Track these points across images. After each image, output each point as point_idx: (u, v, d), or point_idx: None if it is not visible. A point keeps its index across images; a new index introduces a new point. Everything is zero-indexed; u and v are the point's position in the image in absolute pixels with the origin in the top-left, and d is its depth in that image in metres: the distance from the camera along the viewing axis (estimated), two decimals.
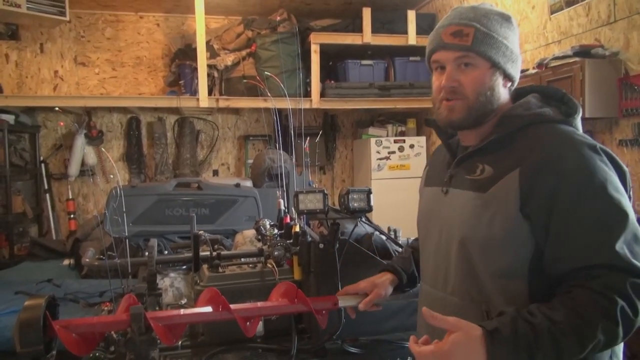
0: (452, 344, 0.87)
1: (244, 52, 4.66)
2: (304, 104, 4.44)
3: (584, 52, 2.85)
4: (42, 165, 4.81)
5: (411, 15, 4.63)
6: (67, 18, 4.32)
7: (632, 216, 0.95)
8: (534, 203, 0.97)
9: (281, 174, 2.34)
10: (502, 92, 1.10)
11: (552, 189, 0.96)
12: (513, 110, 1.09)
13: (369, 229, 1.70)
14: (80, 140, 4.72)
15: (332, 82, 4.72)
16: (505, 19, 1.10)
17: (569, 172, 0.96)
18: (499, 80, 1.09)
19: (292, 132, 2.20)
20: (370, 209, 1.46)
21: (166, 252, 2.55)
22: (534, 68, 3.25)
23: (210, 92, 4.47)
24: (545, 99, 1.11)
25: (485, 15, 1.08)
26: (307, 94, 4.57)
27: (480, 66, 1.07)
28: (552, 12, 3.38)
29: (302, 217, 1.65)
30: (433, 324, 0.92)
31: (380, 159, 4.81)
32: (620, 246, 0.91)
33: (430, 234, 1.20)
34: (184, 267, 1.98)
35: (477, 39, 1.05)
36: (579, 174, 0.96)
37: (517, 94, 1.15)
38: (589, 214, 0.95)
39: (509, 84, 1.12)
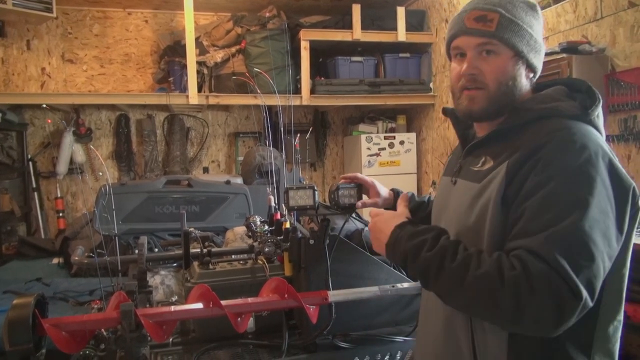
0: (384, 212, 1.18)
1: (233, 49, 4.63)
2: (294, 101, 4.43)
3: (571, 48, 2.87)
4: (30, 163, 4.75)
5: (401, 11, 4.63)
6: (54, 14, 4.26)
7: (588, 223, 0.85)
8: (511, 194, 0.95)
9: (271, 171, 2.34)
10: (524, 84, 1.06)
11: (527, 176, 0.93)
12: (526, 102, 1.04)
13: (359, 225, 1.72)
14: (68, 138, 4.67)
15: (322, 78, 4.72)
16: (531, 7, 1.06)
17: (545, 160, 0.92)
18: (522, 71, 1.05)
19: (283, 129, 2.20)
20: None
21: (156, 249, 2.55)
22: None
23: (199, 89, 4.45)
24: (572, 92, 1.05)
25: (510, 2, 1.04)
26: (297, 91, 4.56)
27: (502, 54, 1.02)
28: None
29: (292, 213, 1.66)
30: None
31: (371, 155, 4.82)
32: (554, 241, 0.85)
33: (438, 223, 1.20)
34: (175, 264, 1.98)
35: (501, 25, 1.01)
36: (555, 164, 0.91)
37: (542, 87, 1.10)
38: (542, 202, 0.89)
39: (531, 75, 1.08)
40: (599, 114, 1.01)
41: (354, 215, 1.61)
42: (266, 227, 1.75)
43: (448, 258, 0.93)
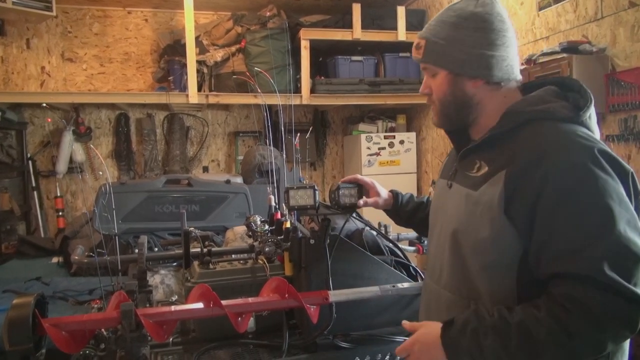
0: (414, 339, 1.02)
1: (233, 48, 4.63)
2: (294, 100, 4.43)
3: (571, 48, 2.87)
4: (30, 162, 4.75)
5: (401, 11, 4.63)
6: (54, 13, 4.25)
7: (621, 225, 0.87)
8: (517, 206, 0.95)
9: (272, 170, 2.34)
10: (479, 92, 1.08)
11: (536, 190, 0.93)
12: (516, 105, 1.06)
13: (360, 225, 1.71)
14: (68, 137, 4.67)
15: (322, 78, 4.71)
16: (466, 18, 1.05)
17: (554, 172, 0.92)
18: (465, 83, 1.07)
19: (283, 128, 2.20)
20: None
21: (156, 249, 2.55)
22: (522, 64, 3.28)
23: (199, 88, 4.44)
24: (563, 92, 1.06)
25: (441, 22, 1.09)
26: (298, 90, 4.56)
27: (439, 74, 1.10)
28: (540, 9, 3.41)
29: (292, 213, 1.65)
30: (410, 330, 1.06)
31: (371, 154, 4.82)
32: (598, 257, 0.86)
33: (434, 227, 1.22)
34: (175, 263, 1.97)
35: (427, 50, 1.10)
36: (565, 175, 0.91)
37: (534, 86, 1.11)
38: (569, 219, 0.90)
39: (484, 82, 1.07)
40: (591, 114, 1.02)
41: (354, 215, 1.61)
42: (266, 227, 1.74)
43: (504, 335, 0.90)
